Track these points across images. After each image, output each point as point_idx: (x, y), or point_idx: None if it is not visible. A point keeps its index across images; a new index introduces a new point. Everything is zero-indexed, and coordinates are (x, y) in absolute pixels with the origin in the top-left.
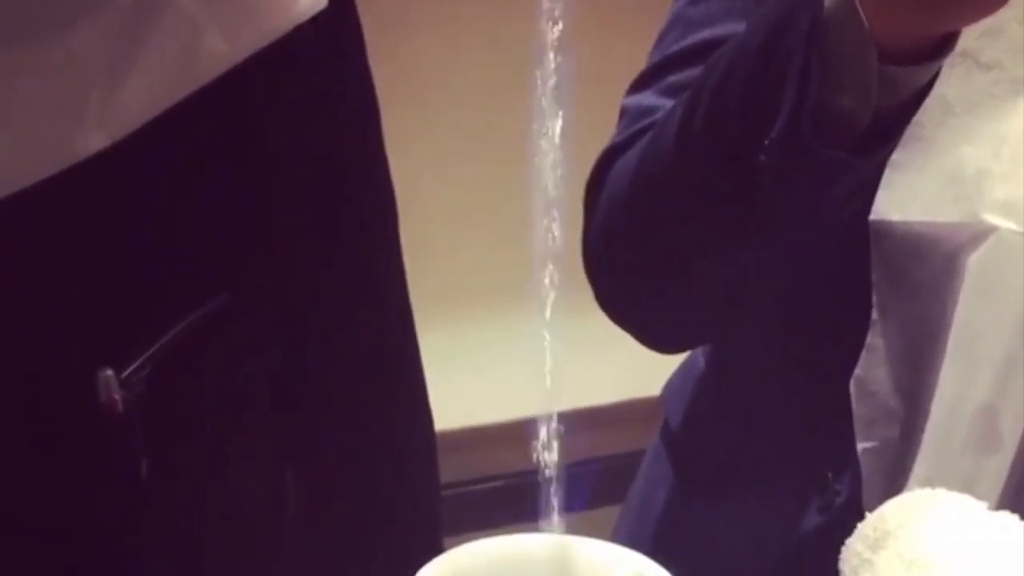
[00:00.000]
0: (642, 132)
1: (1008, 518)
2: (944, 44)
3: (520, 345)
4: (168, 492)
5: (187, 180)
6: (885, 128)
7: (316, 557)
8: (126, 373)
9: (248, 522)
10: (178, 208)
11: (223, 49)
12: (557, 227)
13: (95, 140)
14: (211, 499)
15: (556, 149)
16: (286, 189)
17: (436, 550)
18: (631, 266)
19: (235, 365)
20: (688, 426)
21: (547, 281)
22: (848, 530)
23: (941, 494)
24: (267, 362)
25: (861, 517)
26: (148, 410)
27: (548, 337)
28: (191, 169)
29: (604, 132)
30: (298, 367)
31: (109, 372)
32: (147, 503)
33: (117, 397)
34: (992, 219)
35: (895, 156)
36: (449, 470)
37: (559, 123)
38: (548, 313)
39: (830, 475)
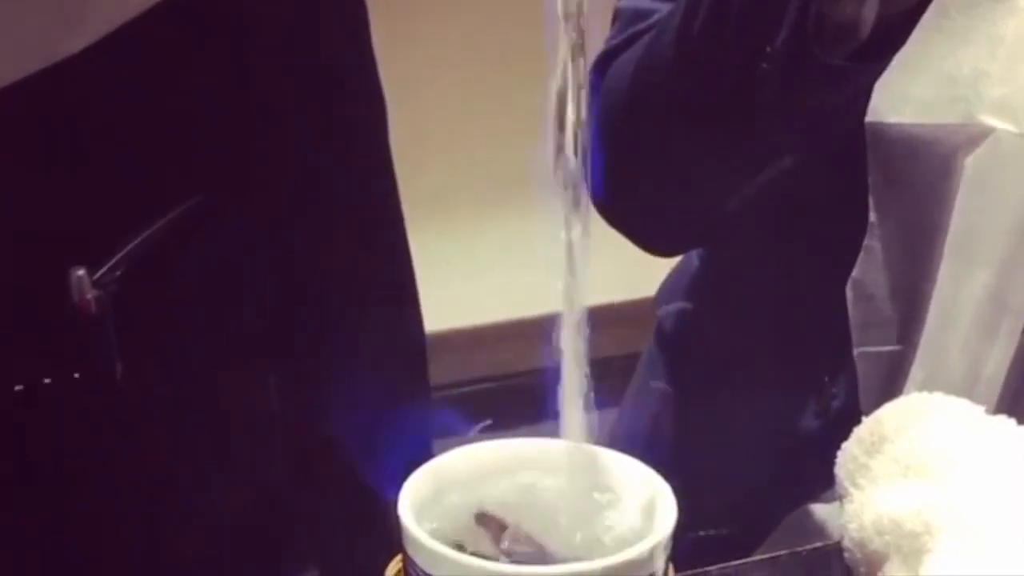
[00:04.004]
0: (638, 35)
1: (1006, 422)
2: None
3: (516, 246)
4: (145, 394)
5: (167, 80)
6: (888, 35)
7: (301, 460)
8: (99, 274)
9: (231, 423)
10: (157, 108)
11: None
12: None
13: (73, 41)
14: (190, 402)
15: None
16: (270, 92)
17: (426, 453)
18: (627, 169)
19: (215, 270)
20: (682, 328)
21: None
22: (845, 435)
23: (938, 398)
24: (250, 268)
25: (858, 422)
26: (122, 311)
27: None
28: (172, 69)
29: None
30: (284, 273)
31: (81, 272)
32: (123, 404)
33: (90, 297)
34: (989, 120)
35: None
36: (443, 371)
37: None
38: (552, 212)
39: (826, 379)
